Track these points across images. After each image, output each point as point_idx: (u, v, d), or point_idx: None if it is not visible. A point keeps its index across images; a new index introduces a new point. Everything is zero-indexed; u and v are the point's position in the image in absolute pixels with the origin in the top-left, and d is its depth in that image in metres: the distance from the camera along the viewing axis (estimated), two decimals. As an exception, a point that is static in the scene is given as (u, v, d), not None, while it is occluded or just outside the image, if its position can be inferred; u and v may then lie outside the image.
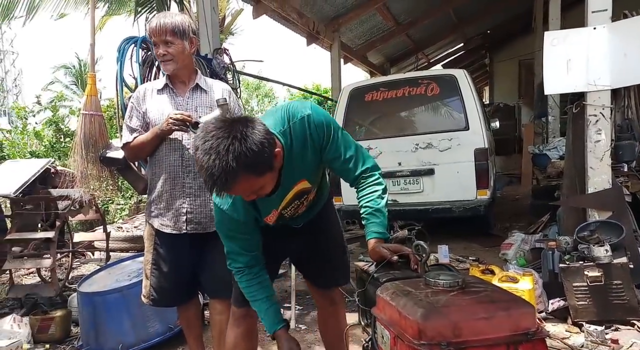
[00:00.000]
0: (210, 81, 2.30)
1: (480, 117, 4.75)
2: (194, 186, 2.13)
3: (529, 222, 4.98)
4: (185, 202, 2.11)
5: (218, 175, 1.21)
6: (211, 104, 2.19)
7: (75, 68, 22.94)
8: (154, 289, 2.19)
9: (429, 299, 1.22)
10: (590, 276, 2.64)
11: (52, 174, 4.25)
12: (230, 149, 1.21)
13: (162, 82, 2.21)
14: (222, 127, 1.24)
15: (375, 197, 1.59)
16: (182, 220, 2.11)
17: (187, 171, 2.12)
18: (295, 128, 1.47)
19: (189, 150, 2.11)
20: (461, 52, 14.69)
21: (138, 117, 2.18)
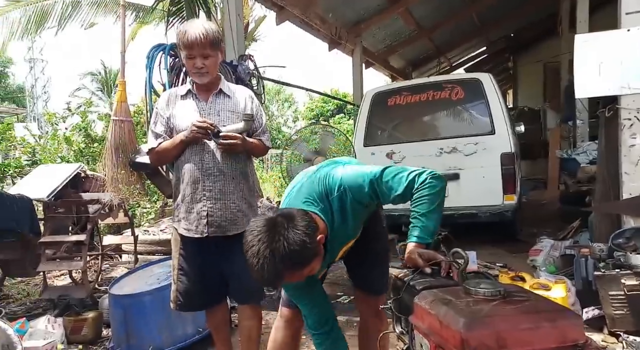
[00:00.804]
0: (233, 86, 2.32)
1: (507, 121, 4.68)
2: (214, 189, 2.13)
3: (557, 227, 4.87)
4: (206, 206, 2.11)
5: (267, 277, 1.35)
6: (233, 108, 2.21)
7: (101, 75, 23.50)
8: (181, 294, 2.21)
9: (471, 308, 1.20)
10: (628, 285, 2.56)
11: (82, 178, 4.35)
12: (276, 253, 1.33)
13: (185, 88, 2.23)
14: (265, 231, 1.35)
15: (421, 203, 1.57)
16: (203, 224, 2.11)
17: (207, 174, 2.13)
18: (335, 202, 1.58)
19: (209, 153, 2.13)
20: (484, 56, 14.52)
21: (162, 123, 2.21)
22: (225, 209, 2.13)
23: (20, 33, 7.40)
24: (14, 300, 3.87)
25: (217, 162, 2.14)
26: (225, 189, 2.15)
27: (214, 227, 2.12)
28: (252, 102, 2.27)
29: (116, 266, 4.80)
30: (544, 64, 11.38)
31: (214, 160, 2.14)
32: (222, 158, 2.14)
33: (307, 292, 1.70)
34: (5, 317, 2.56)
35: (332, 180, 1.60)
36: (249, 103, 2.26)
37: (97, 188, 4.34)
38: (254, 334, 2.28)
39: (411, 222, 1.60)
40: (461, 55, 14.11)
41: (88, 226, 3.62)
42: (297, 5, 6.89)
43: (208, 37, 2.07)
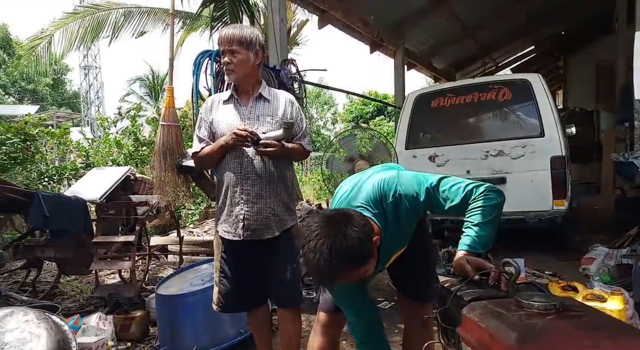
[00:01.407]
0: (274, 91, 2.34)
1: (557, 123, 4.50)
2: (252, 193, 2.16)
3: (612, 235, 4.62)
4: (243, 209, 2.14)
5: (322, 273, 1.34)
6: (273, 113, 2.23)
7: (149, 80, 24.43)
8: (222, 296, 2.24)
9: (524, 322, 1.15)
10: (693, 299, 2.39)
11: (132, 180, 4.52)
12: (333, 249, 1.32)
13: (228, 93, 2.27)
14: (323, 226, 1.36)
15: (476, 213, 1.55)
16: (240, 227, 2.15)
17: (246, 178, 2.16)
18: (389, 208, 1.57)
19: (248, 157, 2.16)
20: (532, 55, 14.01)
21: (206, 128, 2.25)
22: (260, 213, 2.16)
23: (78, 43, 7.81)
24: (68, 296, 4.06)
25: (255, 166, 2.17)
26: (263, 193, 2.18)
27: (249, 230, 2.16)
28: (292, 107, 2.28)
29: (162, 266, 4.95)
30: (597, 63, 10.83)
31: (252, 164, 2.17)
32: (260, 162, 2.17)
33: (355, 299, 1.70)
34: (60, 313, 2.67)
35: (387, 186, 1.59)
36: (289, 108, 2.27)
37: (146, 190, 4.51)
38: (294, 338, 2.29)
39: (463, 232, 1.57)
40: (507, 55, 13.68)
41: (137, 227, 3.75)
42: (339, 8, 6.91)
43: (236, 34, 2.12)
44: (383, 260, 1.63)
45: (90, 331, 2.83)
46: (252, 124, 2.17)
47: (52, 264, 4.46)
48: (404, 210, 1.58)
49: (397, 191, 1.58)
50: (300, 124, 2.30)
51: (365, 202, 1.58)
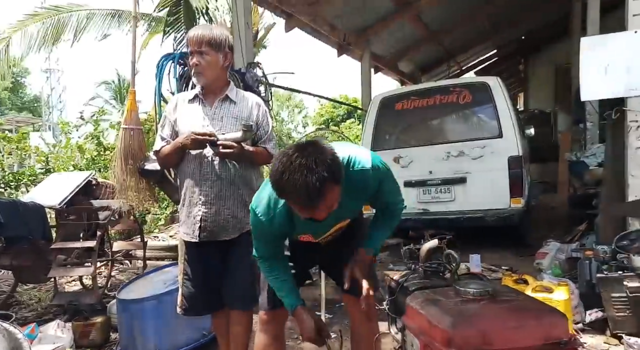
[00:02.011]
0: (242, 93, 2.31)
1: (515, 124, 4.66)
2: (210, 194, 2.14)
3: (565, 231, 4.82)
4: (200, 210, 2.14)
5: (314, 188, 1.34)
6: (238, 114, 2.20)
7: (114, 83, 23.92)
8: (186, 298, 2.23)
9: (459, 308, 1.23)
10: (631, 287, 2.53)
11: (93, 186, 4.44)
12: (318, 162, 1.36)
13: (193, 93, 2.25)
14: (300, 150, 1.39)
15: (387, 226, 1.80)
16: (197, 228, 2.14)
17: (205, 179, 2.15)
18: (351, 175, 1.58)
19: (207, 158, 2.14)
20: (494, 59, 14.45)
21: (169, 127, 2.24)
22: (219, 214, 2.14)
23: (37, 46, 7.59)
24: (25, 305, 3.96)
25: (214, 168, 2.15)
26: (222, 194, 2.15)
27: (206, 232, 2.14)
28: (258, 110, 2.26)
29: (126, 272, 4.88)
30: (556, 66, 11.29)
31: (212, 165, 2.15)
32: (220, 163, 2.15)
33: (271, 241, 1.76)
34: (16, 322, 2.61)
35: (359, 158, 1.61)
36: (255, 110, 2.25)
37: (108, 195, 4.44)
38: (240, 339, 2.27)
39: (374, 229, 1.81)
40: (471, 59, 14.06)
41: (98, 233, 3.69)
42: (306, 12, 6.97)
43: (206, 35, 2.10)
44: (325, 224, 1.65)
45: (47, 339, 2.78)
46: (214, 125, 2.15)
47: (9, 272, 4.33)
48: (360, 185, 1.60)
49: (367, 167, 1.61)
50: (265, 128, 2.28)
51: None
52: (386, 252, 5.15)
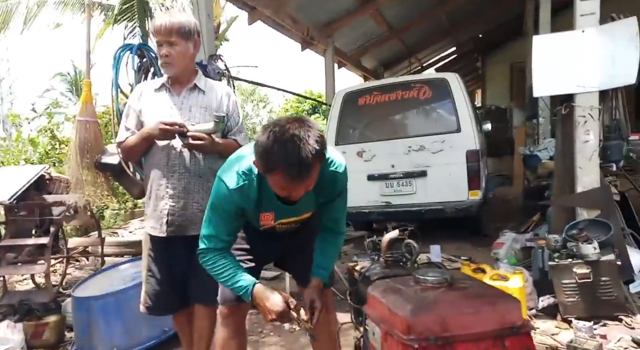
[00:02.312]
0: (211, 83, 2.23)
1: (472, 119, 4.80)
2: (178, 187, 2.07)
3: (520, 222, 5.03)
4: (168, 204, 2.07)
5: (305, 157, 1.34)
6: (207, 104, 2.13)
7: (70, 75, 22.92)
8: (149, 296, 2.15)
9: (418, 296, 1.26)
10: (579, 273, 2.68)
11: (46, 180, 4.26)
12: (311, 136, 1.37)
13: (160, 82, 2.16)
14: (292, 121, 1.40)
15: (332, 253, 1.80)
16: (164, 222, 2.07)
17: (172, 171, 2.07)
18: (325, 171, 1.59)
19: (175, 150, 2.07)
20: (453, 56, 14.79)
21: (134, 117, 2.14)
22: (185, 208, 2.08)
23: (-18, 34, 7.18)
24: (-27, 306, 3.76)
25: (183, 160, 2.08)
26: (190, 187, 2.09)
27: (173, 226, 2.07)
28: (228, 100, 2.18)
29: (83, 269, 4.71)
30: (511, 64, 11.69)
31: (180, 157, 2.08)
32: (188, 155, 2.08)
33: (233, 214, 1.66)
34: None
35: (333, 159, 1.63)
36: (225, 100, 2.17)
37: (62, 190, 4.26)
38: (205, 334, 2.22)
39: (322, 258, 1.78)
40: (431, 56, 14.34)
41: (52, 229, 3.54)
42: (269, 5, 6.90)
43: (174, 24, 2.01)
44: (290, 209, 1.65)
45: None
46: (183, 115, 2.08)
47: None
48: (329, 184, 1.62)
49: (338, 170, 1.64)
50: (236, 119, 2.21)
51: None
52: (350, 245, 5.20)
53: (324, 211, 1.78)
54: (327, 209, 1.78)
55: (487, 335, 1.17)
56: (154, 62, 3.53)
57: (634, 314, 2.68)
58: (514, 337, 1.17)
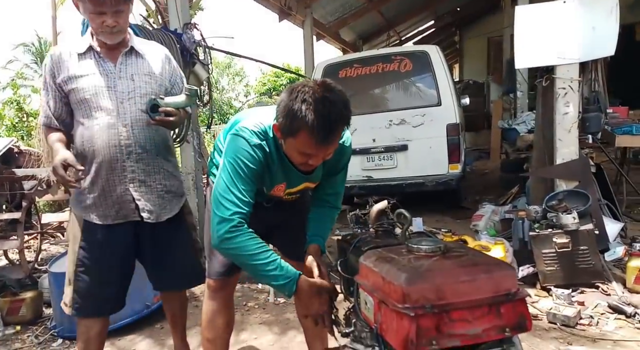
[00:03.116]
0: (146, 43, 1.98)
1: (452, 92, 4.80)
2: (137, 170, 1.83)
3: (498, 194, 5.12)
4: (130, 189, 1.83)
5: (334, 120, 1.33)
6: (149, 70, 1.87)
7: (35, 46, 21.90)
8: (81, 295, 1.86)
9: (412, 264, 1.24)
10: (559, 243, 2.74)
11: (15, 153, 4.08)
12: (340, 100, 1.35)
13: (84, 44, 1.80)
14: (321, 84, 1.36)
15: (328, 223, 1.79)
16: (130, 208, 1.84)
17: (128, 152, 1.80)
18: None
19: (127, 127, 1.80)
20: (432, 30, 14.71)
21: (54, 95, 1.81)
22: (152, 192, 1.87)
23: None
24: (-57, 284, 3.62)
25: (138, 138, 1.82)
26: (150, 169, 1.87)
27: (146, 212, 1.86)
28: (169, 64, 1.97)
29: (58, 245, 4.59)
30: (488, 38, 11.71)
31: (135, 135, 1.81)
32: (143, 132, 1.83)
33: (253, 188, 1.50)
34: None
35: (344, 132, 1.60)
36: (167, 65, 1.95)
37: (33, 163, 4.10)
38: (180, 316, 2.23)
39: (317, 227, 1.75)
40: (410, 29, 14.22)
41: (24, 203, 3.41)
42: (244, -28, 6.66)
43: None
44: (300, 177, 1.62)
45: (-30, 318, 2.57)
46: (124, 87, 1.81)
47: None
48: (337, 156, 1.59)
49: (346, 143, 1.67)
50: (180, 85, 2.00)
51: None
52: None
53: (325, 185, 1.75)
54: (328, 183, 1.75)
55: (483, 302, 1.16)
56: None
57: (610, 281, 2.77)
58: (509, 303, 1.17)
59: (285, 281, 1.43)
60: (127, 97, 1.81)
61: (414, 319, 1.09)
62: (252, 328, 2.75)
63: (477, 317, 1.15)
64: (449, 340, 1.12)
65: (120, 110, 1.79)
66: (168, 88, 1.95)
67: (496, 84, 10.40)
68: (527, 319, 1.16)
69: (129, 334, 2.77)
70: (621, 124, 3.95)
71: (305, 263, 1.63)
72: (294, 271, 1.45)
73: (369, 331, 1.40)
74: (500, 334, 1.14)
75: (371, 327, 1.32)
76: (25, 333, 2.84)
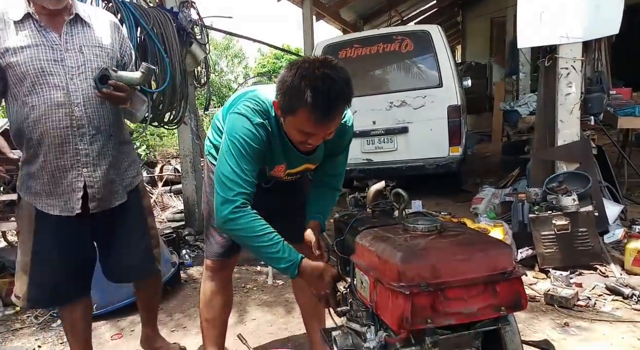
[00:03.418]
0: (90, 9, 1.80)
1: (454, 74, 4.74)
2: (91, 153, 1.67)
3: (499, 177, 5.10)
4: (82, 175, 1.67)
5: (335, 97, 1.30)
6: (99, 42, 1.69)
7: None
8: (36, 286, 1.75)
9: (408, 243, 1.23)
10: (558, 225, 2.73)
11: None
12: (341, 77, 1.32)
13: (21, 10, 1.58)
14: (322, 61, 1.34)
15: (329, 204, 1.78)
16: (77, 198, 1.68)
17: (80, 134, 1.64)
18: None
19: (79, 105, 1.63)
20: (434, 10, 14.48)
21: None
22: (105, 177, 1.72)
23: None
24: (-56, 265, 3.63)
25: (92, 118, 1.66)
26: (105, 151, 1.71)
27: (96, 200, 1.71)
28: (118, 33, 1.78)
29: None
30: (491, 19, 11.53)
31: (88, 115, 1.65)
32: (97, 111, 1.67)
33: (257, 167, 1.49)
34: None
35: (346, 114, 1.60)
36: (116, 34, 1.76)
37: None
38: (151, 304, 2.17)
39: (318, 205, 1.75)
40: (412, 9, 14.00)
41: (21, 185, 3.39)
42: (242, -50, 6.52)
43: None
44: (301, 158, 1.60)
45: (-30, 298, 2.58)
46: (72, 60, 1.62)
47: None
48: (338, 136, 1.57)
49: (348, 123, 1.65)
50: (131, 57, 1.83)
51: None
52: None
53: (326, 166, 1.73)
54: (329, 164, 1.73)
55: (478, 281, 1.15)
56: (120, 6, 3.30)
57: (608, 263, 2.77)
58: (505, 282, 1.16)
59: (288, 264, 1.43)
60: (77, 73, 1.63)
61: (409, 297, 1.08)
62: (251, 309, 2.76)
63: (473, 295, 1.14)
64: (445, 319, 1.11)
65: (71, 87, 1.61)
66: (119, 60, 1.77)
67: (499, 65, 10.29)
68: (523, 298, 1.15)
69: (129, 315, 2.78)
70: (624, 106, 3.90)
71: (304, 238, 1.62)
72: (296, 254, 1.45)
73: (364, 310, 1.39)
74: (496, 312, 1.13)
75: (367, 306, 1.32)
76: (25, 314, 2.86)
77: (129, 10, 3.34)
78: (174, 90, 3.67)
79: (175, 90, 3.69)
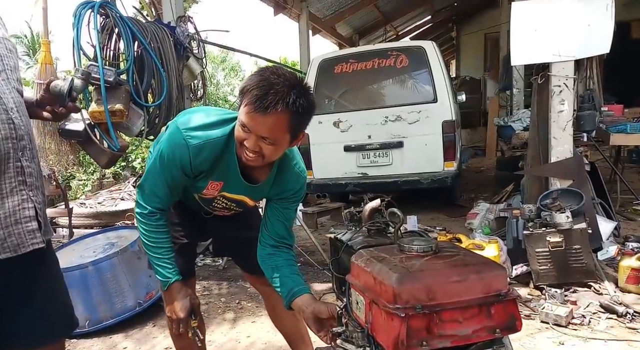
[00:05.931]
0: None
1: (448, 89, 4.79)
2: (34, 172, 1.23)
3: (494, 192, 5.13)
4: (29, 200, 1.20)
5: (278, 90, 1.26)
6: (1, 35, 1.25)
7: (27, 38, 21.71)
8: None
9: (404, 264, 1.23)
10: (552, 241, 2.74)
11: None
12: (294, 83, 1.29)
13: None
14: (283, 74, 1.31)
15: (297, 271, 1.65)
16: (29, 229, 1.19)
17: (22, 147, 1.19)
18: (289, 170, 1.57)
19: (14, 111, 1.17)
20: (429, 25, 14.68)
21: None
22: (44, 202, 1.29)
23: None
24: None
25: (28, 127, 1.23)
26: (38, 170, 1.28)
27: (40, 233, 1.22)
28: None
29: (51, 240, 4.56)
30: (485, 34, 11.70)
31: (24, 123, 1.21)
32: (27, 119, 1.25)
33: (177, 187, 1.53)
34: None
35: (301, 163, 1.62)
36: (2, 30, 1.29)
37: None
38: None
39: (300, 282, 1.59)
40: (407, 24, 14.19)
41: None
42: (240, -34, 6.61)
43: None
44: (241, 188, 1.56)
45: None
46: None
47: None
48: (287, 184, 1.58)
49: (304, 175, 1.63)
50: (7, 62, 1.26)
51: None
52: (327, 216, 5.21)
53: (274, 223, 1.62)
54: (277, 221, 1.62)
55: (474, 302, 1.15)
56: (118, 21, 3.32)
57: (602, 281, 2.78)
58: (500, 304, 1.16)
59: (162, 279, 1.56)
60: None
61: (405, 320, 1.08)
62: (245, 327, 2.74)
63: (468, 317, 1.14)
64: (440, 341, 1.11)
65: (7, 93, 1.19)
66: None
67: (493, 80, 10.40)
68: (518, 320, 1.15)
69: (120, 332, 2.75)
70: (616, 122, 3.95)
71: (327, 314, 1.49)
72: (175, 275, 1.56)
73: (360, 331, 1.39)
74: (491, 334, 1.13)
75: (362, 327, 1.32)
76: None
77: (126, 25, 3.37)
78: (170, 104, 3.68)
79: (172, 104, 3.70)
